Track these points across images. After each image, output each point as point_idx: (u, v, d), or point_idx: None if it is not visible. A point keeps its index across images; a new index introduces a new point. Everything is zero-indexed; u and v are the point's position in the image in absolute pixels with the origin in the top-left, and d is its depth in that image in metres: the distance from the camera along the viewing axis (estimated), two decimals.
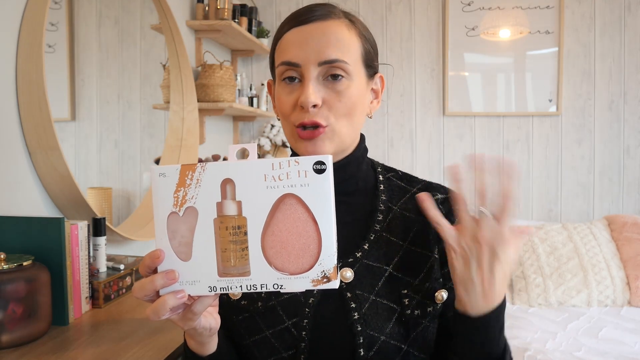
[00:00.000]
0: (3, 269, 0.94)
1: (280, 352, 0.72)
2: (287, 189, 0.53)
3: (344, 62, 0.70)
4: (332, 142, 0.72)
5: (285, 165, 0.53)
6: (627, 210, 2.75)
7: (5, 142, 1.21)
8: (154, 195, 0.55)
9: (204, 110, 2.17)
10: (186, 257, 0.55)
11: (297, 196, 0.53)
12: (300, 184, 0.53)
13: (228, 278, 0.54)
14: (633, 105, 2.73)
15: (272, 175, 0.53)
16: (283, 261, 0.54)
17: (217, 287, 0.54)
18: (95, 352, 0.95)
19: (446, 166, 0.57)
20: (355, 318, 0.71)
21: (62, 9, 1.43)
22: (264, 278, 0.54)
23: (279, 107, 0.74)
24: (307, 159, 0.53)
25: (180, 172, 0.54)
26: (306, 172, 0.52)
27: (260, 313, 0.74)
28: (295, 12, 0.73)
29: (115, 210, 1.71)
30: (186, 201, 0.54)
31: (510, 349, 0.69)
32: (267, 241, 0.54)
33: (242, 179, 0.53)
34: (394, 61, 2.83)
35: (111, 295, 1.24)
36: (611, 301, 2.13)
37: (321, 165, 0.52)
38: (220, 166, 0.54)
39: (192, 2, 2.20)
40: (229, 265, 0.54)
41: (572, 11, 2.71)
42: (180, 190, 0.54)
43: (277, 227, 0.54)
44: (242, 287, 0.54)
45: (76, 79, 1.50)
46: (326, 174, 0.53)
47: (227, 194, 0.54)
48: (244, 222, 0.54)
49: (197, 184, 0.54)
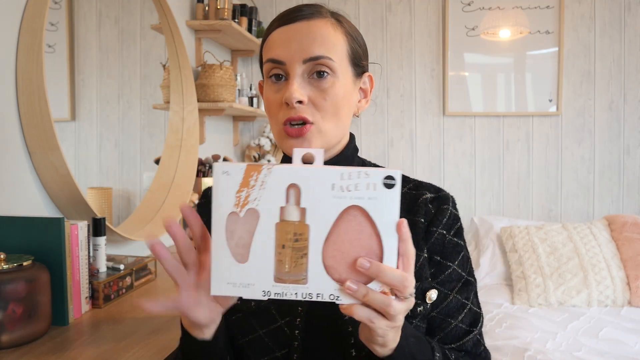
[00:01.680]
0: (3, 269, 0.94)
1: (274, 351, 0.72)
2: (354, 201, 0.52)
3: (328, 58, 0.70)
4: (318, 140, 0.72)
5: (355, 176, 0.52)
6: (627, 210, 2.75)
7: (5, 142, 1.21)
8: (214, 193, 0.54)
9: (204, 110, 2.17)
10: (242, 259, 0.54)
11: (362, 208, 0.52)
12: (368, 197, 0.52)
13: (284, 284, 0.54)
14: (633, 105, 2.73)
15: (341, 185, 0.52)
16: (341, 272, 0.53)
17: (272, 292, 0.54)
18: (95, 352, 0.95)
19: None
20: (346, 319, 0.71)
21: (62, 9, 1.43)
22: (320, 288, 0.53)
23: (266, 104, 0.75)
24: (377, 172, 0.52)
25: (245, 172, 0.53)
26: (375, 185, 0.52)
27: (253, 312, 0.74)
28: (283, 12, 0.74)
29: (115, 210, 1.71)
30: (248, 202, 0.53)
31: (436, 348, 0.68)
32: (328, 251, 0.53)
33: (309, 186, 0.52)
34: (394, 61, 2.83)
35: (111, 295, 1.24)
36: (611, 301, 2.13)
37: (391, 180, 0.52)
38: (288, 170, 0.53)
39: (192, 2, 2.20)
40: (285, 272, 0.53)
41: (572, 11, 2.71)
42: (243, 190, 0.53)
43: (339, 238, 0.53)
44: (297, 294, 0.54)
45: (76, 79, 1.50)
46: (395, 189, 0.52)
47: (292, 199, 0.53)
48: (306, 229, 0.53)
49: (261, 185, 0.53)
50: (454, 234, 0.78)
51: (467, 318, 0.77)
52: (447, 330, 0.76)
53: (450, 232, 0.78)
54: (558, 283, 2.14)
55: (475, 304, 0.78)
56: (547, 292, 2.13)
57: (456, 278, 0.77)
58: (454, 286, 0.77)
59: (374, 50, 2.80)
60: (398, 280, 0.52)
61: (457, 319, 0.76)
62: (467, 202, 2.84)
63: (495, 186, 2.83)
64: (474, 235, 2.61)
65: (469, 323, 0.77)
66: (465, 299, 0.77)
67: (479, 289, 2.29)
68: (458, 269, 0.78)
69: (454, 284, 0.77)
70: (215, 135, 2.54)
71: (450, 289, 0.77)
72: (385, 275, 0.52)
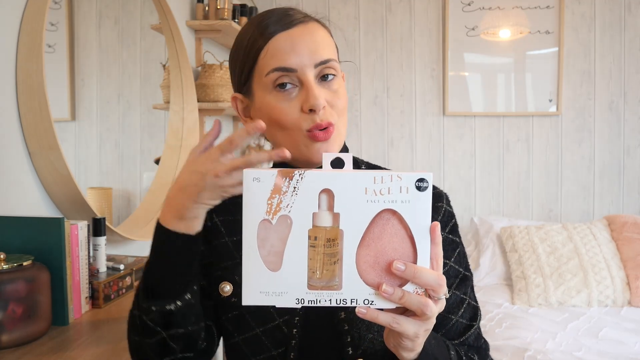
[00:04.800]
0: (3, 269, 0.94)
1: (270, 349, 0.72)
2: (387, 204, 0.52)
3: (334, 61, 0.71)
4: (339, 141, 0.72)
5: (388, 179, 0.52)
6: (627, 210, 2.75)
7: (5, 142, 1.21)
8: (245, 200, 0.53)
9: (204, 110, 2.17)
10: (275, 267, 0.53)
11: (395, 211, 0.52)
12: (400, 200, 0.52)
13: (317, 291, 0.53)
14: (633, 105, 2.73)
15: (374, 189, 0.52)
16: (375, 276, 0.53)
17: (305, 300, 0.53)
18: (95, 352, 0.95)
19: None
20: (342, 317, 0.72)
21: (62, 9, 1.43)
22: (355, 293, 0.53)
23: (273, 115, 0.69)
24: (409, 175, 0.52)
25: (277, 178, 0.52)
26: (408, 188, 0.52)
27: (250, 311, 0.74)
28: (274, 19, 0.70)
29: (115, 210, 1.71)
30: (280, 209, 0.52)
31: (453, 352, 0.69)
32: (361, 255, 0.53)
33: (342, 191, 0.52)
34: (394, 61, 2.83)
35: (111, 295, 1.24)
36: (611, 301, 2.13)
37: (423, 183, 0.52)
38: (320, 175, 0.52)
39: (192, 2, 2.20)
40: (318, 278, 0.53)
41: (572, 11, 2.71)
42: (275, 197, 0.52)
43: (372, 242, 0.53)
44: (331, 300, 0.53)
45: (76, 79, 1.50)
46: (427, 192, 0.52)
47: (324, 204, 0.52)
48: (339, 234, 0.52)
49: (293, 191, 0.52)
50: (449, 231, 0.79)
51: (467, 313, 0.77)
52: (448, 326, 0.76)
53: (446, 230, 0.79)
54: (558, 283, 2.14)
55: (473, 298, 0.79)
56: (547, 292, 2.13)
57: (454, 274, 0.78)
58: (452, 282, 0.78)
59: (374, 50, 2.80)
60: (434, 281, 0.53)
61: (457, 314, 0.77)
62: (467, 202, 2.84)
63: (495, 186, 2.83)
64: (474, 235, 2.61)
65: (469, 318, 0.78)
66: (464, 294, 0.78)
67: (479, 289, 2.29)
68: (455, 265, 0.78)
69: (452, 280, 0.78)
70: None
71: (448, 286, 0.77)
72: (422, 276, 0.53)
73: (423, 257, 0.53)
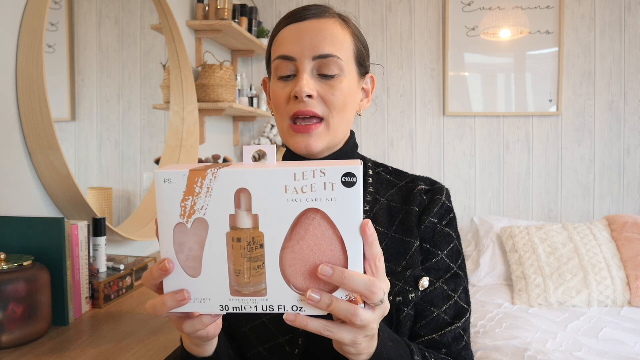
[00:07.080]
0: (3, 269, 0.94)
1: (277, 337, 0.73)
2: (310, 203, 0.47)
3: (337, 57, 0.72)
4: (326, 137, 0.73)
5: (310, 175, 0.47)
6: (627, 210, 2.75)
7: (5, 142, 1.21)
8: (158, 203, 0.49)
9: (204, 110, 2.17)
10: (195, 272, 0.50)
11: (321, 210, 0.47)
12: (326, 198, 0.47)
13: (242, 297, 0.49)
14: (633, 105, 2.73)
15: (294, 187, 0.47)
16: (303, 281, 0.49)
17: (230, 306, 0.50)
18: (95, 352, 0.95)
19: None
20: None
21: (62, 9, 1.43)
22: (281, 299, 0.49)
23: (273, 100, 0.76)
24: (334, 169, 0.47)
25: (188, 179, 0.48)
26: (333, 184, 0.47)
27: (251, 329, 0.75)
28: (291, 11, 0.76)
29: (115, 210, 1.71)
30: (195, 212, 0.48)
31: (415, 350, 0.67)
32: (286, 259, 0.49)
33: (259, 189, 0.47)
34: (394, 61, 2.83)
35: (111, 295, 1.24)
36: (611, 301, 2.13)
37: (350, 178, 0.47)
38: (234, 173, 0.48)
39: (192, 2, 2.20)
40: (242, 283, 0.49)
41: (572, 11, 2.71)
42: (188, 199, 0.48)
43: (297, 244, 0.48)
44: (257, 307, 0.49)
45: (76, 79, 1.50)
46: (356, 188, 0.47)
47: (242, 204, 0.48)
48: (260, 236, 0.48)
49: (207, 192, 0.48)
50: (446, 224, 0.79)
51: (451, 310, 0.76)
52: (428, 318, 0.75)
53: (442, 222, 0.78)
54: (558, 283, 2.14)
55: (463, 300, 0.77)
56: (547, 292, 2.13)
57: (444, 267, 0.77)
58: (441, 275, 0.77)
59: (374, 50, 2.80)
60: (364, 287, 0.48)
61: (440, 308, 0.75)
62: (467, 202, 2.84)
63: (495, 186, 2.83)
64: (474, 235, 2.61)
65: (453, 315, 0.76)
66: (452, 291, 0.77)
67: (479, 289, 2.29)
68: (447, 259, 0.77)
69: (441, 273, 0.77)
70: (215, 135, 2.54)
71: (436, 277, 0.76)
72: (350, 281, 0.48)
73: (354, 259, 0.48)
